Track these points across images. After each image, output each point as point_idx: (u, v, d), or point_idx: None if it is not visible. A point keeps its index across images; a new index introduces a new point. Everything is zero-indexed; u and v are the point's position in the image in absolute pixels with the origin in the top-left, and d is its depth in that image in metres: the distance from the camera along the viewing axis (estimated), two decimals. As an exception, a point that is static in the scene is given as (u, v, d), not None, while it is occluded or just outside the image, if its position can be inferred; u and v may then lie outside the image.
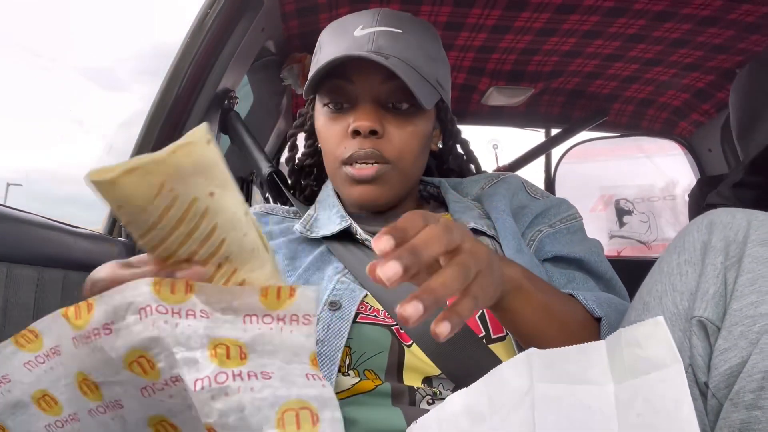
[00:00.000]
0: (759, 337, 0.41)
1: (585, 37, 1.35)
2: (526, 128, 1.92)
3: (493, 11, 1.25)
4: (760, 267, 0.43)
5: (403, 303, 0.36)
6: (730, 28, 1.26)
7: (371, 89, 0.72)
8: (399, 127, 0.73)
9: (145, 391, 0.37)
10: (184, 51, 1.02)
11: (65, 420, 0.39)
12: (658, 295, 0.49)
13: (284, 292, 0.37)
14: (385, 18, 0.75)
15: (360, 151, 0.71)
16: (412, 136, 0.73)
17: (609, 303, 0.63)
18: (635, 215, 2.55)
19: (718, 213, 0.48)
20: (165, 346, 0.35)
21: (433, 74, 0.76)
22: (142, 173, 0.34)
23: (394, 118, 0.73)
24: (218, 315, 0.36)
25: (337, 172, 0.74)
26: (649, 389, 0.37)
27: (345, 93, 0.73)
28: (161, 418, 0.38)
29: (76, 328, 0.37)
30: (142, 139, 1.00)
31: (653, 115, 1.75)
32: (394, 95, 0.72)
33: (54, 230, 0.77)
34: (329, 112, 0.75)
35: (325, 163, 0.78)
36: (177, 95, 1.01)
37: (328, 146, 0.75)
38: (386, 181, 0.73)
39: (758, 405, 0.41)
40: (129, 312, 0.35)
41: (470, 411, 0.43)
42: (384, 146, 0.71)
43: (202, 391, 0.34)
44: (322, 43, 0.78)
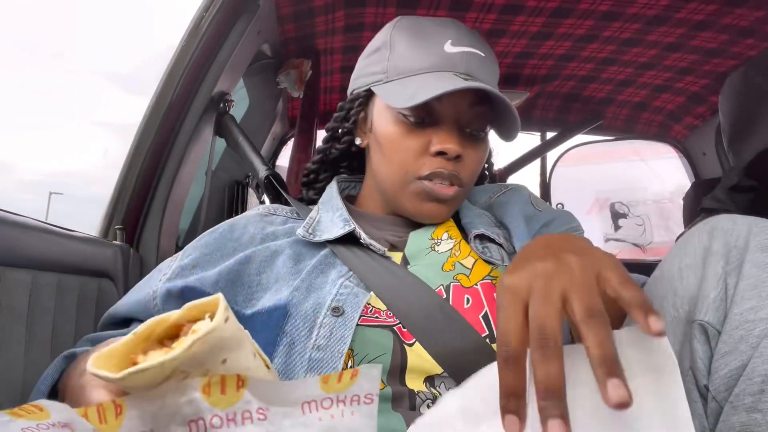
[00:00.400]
0: (759, 341, 0.42)
1: (580, 41, 1.36)
2: (522, 132, 1.92)
3: (488, 15, 1.25)
4: (761, 272, 0.44)
5: None
6: (724, 32, 1.27)
7: (458, 111, 0.72)
8: (474, 152, 0.74)
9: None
10: (180, 54, 1.01)
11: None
12: (659, 299, 0.49)
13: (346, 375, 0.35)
14: (470, 37, 0.76)
15: (444, 171, 0.71)
16: (482, 161, 0.76)
17: None
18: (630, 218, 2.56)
19: (720, 219, 0.48)
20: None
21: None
22: (152, 372, 0.32)
23: (471, 144, 0.74)
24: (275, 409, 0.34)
25: (409, 184, 0.73)
26: (646, 390, 0.37)
27: (429, 109, 0.72)
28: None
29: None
30: (137, 143, 1.00)
31: (648, 118, 1.76)
32: (476, 121, 0.74)
33: (48, 233, 0.76)
34: (406, 124, 0.73)
35: (386, 172, 0.75)
36: (173, 98, 1.00)
37: (400, 158, 0.73)
38: (456, 203, 0.76)
39: (758, 408, 0.41)
40: (174, 422, 0.32)
41: (465, 412, 0.42)
42: (462, 170, 0.73)
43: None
44: (397, 43, 0.76)
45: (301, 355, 0.61)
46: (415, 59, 0.73)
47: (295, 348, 0.61)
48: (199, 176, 1.19)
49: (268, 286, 0.69)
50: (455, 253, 0.72)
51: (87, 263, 0.84)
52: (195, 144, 1.08)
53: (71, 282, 0.78)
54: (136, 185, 0.99)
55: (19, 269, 0.68)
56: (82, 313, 0.79)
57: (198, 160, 1.13)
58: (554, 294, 0.37)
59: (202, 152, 1.14)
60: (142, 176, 1.00)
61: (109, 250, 0.91)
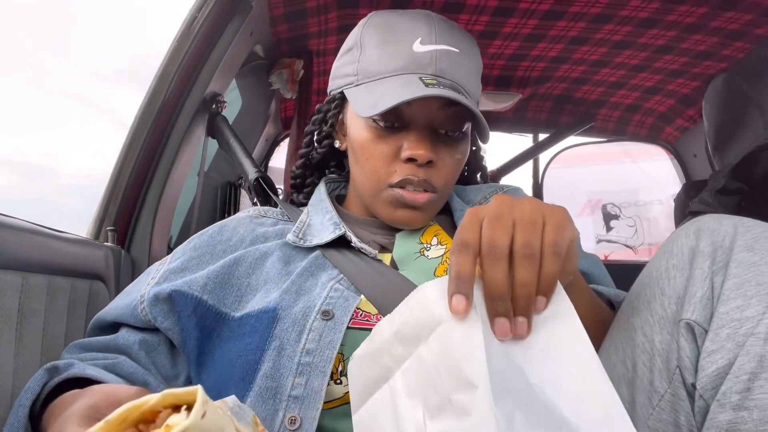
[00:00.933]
0: (745, 339, 0.42)
1: (572, 43, 1.37)
2: (514, 133, 1.94)
3: (481, 17, 1.26)
4: (746, 272, 0.44)
5: None
6: (714, 35, 1.28)
7: (428, 114, 0.70)
8: (450, 155, 0.72)
9: None
10: (172, 54, 1.01)
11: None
12: (647, 299, 0.49)
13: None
14: (443, 32, 0.73)
15: (414, 178, 0.70)
16: (459, 164, 0.74)
17: None
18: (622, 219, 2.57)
19: (706, 219, 0.49)
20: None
21: (479, 95, 0.77)
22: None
23: (445, 146, 0.72)
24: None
25: (381, 191, 0.72)
26: (547, 330, 0.42)
27: (400, 114, 0.70)
28: None
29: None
30: (129, 144, 1.00)
31: (639, 120, 1.77)
32: (449, 123, 0.71)
33: (38, 235, 0.76)
34: (377, 129, 0.71)
35: (360, 177, 0.75)
36: (164, 99, 1.00)
37: (372, 165, 0.72)
38: (432, 208, 0.73)
39: (744, 405, 0.41)
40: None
41: (402, 336, 0.44)
42: (435, 176, 0.71)
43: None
44: (367, 44, 0.74)
45: (291, 359, 0.60)
46: (383, 61, 0.71)
47: (284, 352, 0.61)
48: (192, 177, 1.19)
49: (257, 287, 0.68)
50: (447, 259, 0.72)
51: (78, 265, 0.84)
52: (187, 145, 1.07)
53: (62, 284, 0.77)
54: (127, 186, 0.99)
55: (8, 271, 0.68)
56: (72, 315, 0.79)
57: (190, 161, 1.13)
58: (506, 220, 0.43)
59: (195, 153, 1.14)
60: (134, 177, 1.00)
61: (101, 252, 0.91)
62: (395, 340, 0.45)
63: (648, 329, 0.48)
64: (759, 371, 0.41)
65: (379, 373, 0.46)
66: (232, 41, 1.08)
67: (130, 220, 1.01)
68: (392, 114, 0.70)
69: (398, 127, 0.71)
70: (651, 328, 0.47)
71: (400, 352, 0.44)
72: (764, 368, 0.41)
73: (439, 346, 0.41)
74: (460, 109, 0.69)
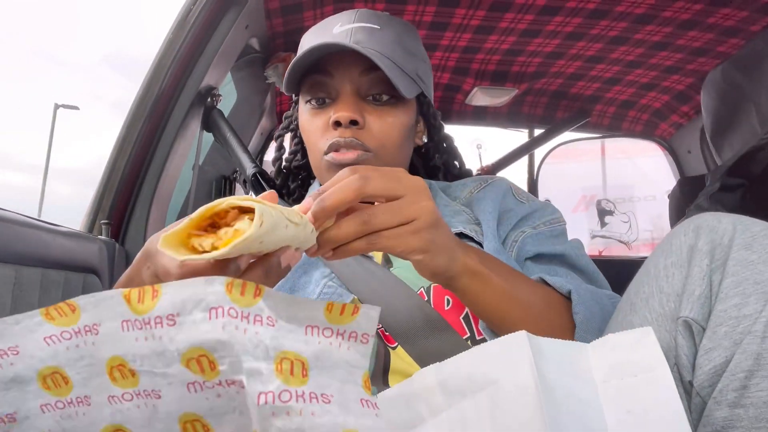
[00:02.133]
0: (742, 338, 0.42)
1: (568, 39, 1.36)
2: (510, 128, 1.94)
3: (477, 12, 1.25)
4: (744, 270, 0.44)
5: None
6: (710, 32, 1.28)
7: (351, 81, 0.74)
8: (379, 118, 0.74)
9: (192, 386, 0.36)
10: (167, 47, 1.00)
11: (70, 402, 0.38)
12: (645, 296, 0.50)
13: (348, 309, 0.38)
14: (363, 16, 0.77)
15: (341, 139, 0.72)
16: (392, 127, 0.75)
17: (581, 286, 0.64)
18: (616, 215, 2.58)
19: (705, 217, 0.49)
20: (233, 352, 0.35)
21: (412, 68, 0.77)
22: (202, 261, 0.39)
23: (374, 110, 0.74)
24: (282, 323, 0.37)
25: (321, 162, 0.74)
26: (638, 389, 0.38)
27: (326, 87, 0.75)
28: (195, 417, 0.37)
29: (136, 312, 0.36)
30: (123, 137, 0.99)
31: (634, 116, 1.77)
32: (374, 87, 0.74)
33: (32, 228, 0.75)
34: (311, 108, 0.76)
35: (310, 159, 0.79)
36: (159, 92, 0.99)
37: (311, 140, 0.76)
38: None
39: (741, 403, 0.41)
40: (198, 308, 0.36)
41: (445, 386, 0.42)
42: (365, 136, 0.73)
43: (265, 405, 0.35)
44: (303, 44, 0.79)
45: None
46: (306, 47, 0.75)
47: None
48: (186, 171, 1.18)
49: None
50: None
51: (72, 258, 0.83)
52: (182, 138, 1.07)
53: (55, 277, 0.77)
54: (122, 180, 0.98)
55: (1, 264, 0.68)
56: (66, 308, 0.78)
57: (185, 154, 1.12)
58: None
59: (189, 147, 1.13)
60: (129, 171, 0.99)
61: (95, 245, 0.90)
62: (438, 389, 0.42)
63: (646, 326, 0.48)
64: (755, 369, 0.41)
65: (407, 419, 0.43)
66: (228, 34, 1.07)
67: (124, 214, 1.00)
68: (317, 88, 0.75)
69: (328, 102, 0.76)
70: (649, 326, 0.47)
71: (439, 402, 0.42)
72: (761, 366, 0.41)
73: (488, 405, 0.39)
74: (382, 73, 0.72)
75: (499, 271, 0.58)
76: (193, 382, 0.36)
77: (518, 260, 0.73)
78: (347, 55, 0.72)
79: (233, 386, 0.36)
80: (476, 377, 0.40)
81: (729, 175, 0.97)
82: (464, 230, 0.73)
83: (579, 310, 0.60)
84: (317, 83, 0.75)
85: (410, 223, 0.48)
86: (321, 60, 0.74)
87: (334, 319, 0.37)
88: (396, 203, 0.47)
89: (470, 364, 0.42)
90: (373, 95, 0.74)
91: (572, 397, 0.39)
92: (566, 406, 0.38)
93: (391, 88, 0.73)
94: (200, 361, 0.35)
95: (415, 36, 0.81)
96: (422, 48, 0.82)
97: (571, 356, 0.41)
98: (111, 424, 0.38)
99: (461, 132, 1.93)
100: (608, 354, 0.41)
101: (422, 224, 0.48)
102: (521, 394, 0.38)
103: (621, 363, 0.39)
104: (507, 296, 0.57)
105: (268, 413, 0.35)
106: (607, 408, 0.38)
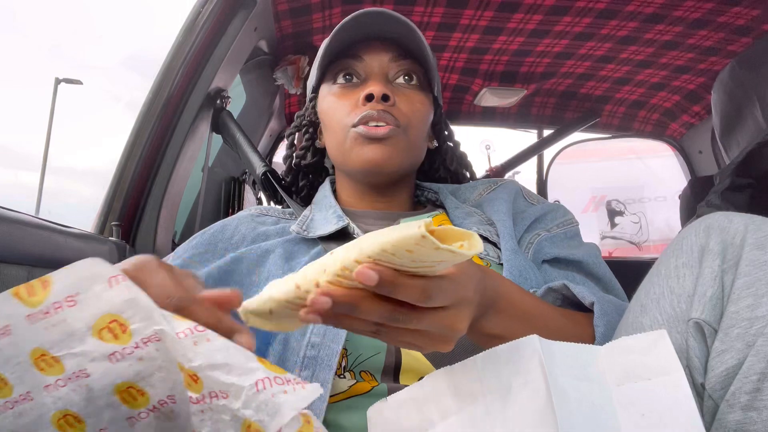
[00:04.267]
0: (755, 339, 0.42)
1: (577, 39, 1.36)
2: (519, 129, 1.93)
3: (485, 12, 1.25)
4: (757, 270, 0.44)
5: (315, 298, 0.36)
6: (721, 31, 1.27)
7: (381, 66, 0.77)
8: (408, 98, 0.76)
9: (113, 357, 0.37)
10: (177, 50, 1.01)
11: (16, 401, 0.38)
12: (656, 297, 0.49)
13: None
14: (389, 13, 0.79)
15: (373, 112, 0.73)
16: (419, 110, 0.77)
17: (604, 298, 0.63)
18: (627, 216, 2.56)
19: (716, 217, 0.48)
20: (142, 306, 0.37)
21: (434, 67, 0.80)
22: None
23: (403, 92, 0.77)
24: None
25: (347, 137, 0.75)
26: (652, 393, 0.37)
27: (355, 70, 0.78)
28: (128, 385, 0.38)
29: (32, 305, 0.37)
30: (134, 139, 1.00)
31: (644, 116, 1.76)
32: (403, 72, 0.77)
33: (44, 230, 0.76)
34: (339, 87, 0.78)
35: (329, 141, 0.79)
36: (169, 94, 1.00)
37: (337, 118, 0.77)
38: (396, 143, 0.74)
39: (754, 406, 0.41)
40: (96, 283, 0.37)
41: (457, 389, 0.41)
42: (395, 111, 0.74)
43: (185, 338, 0.37)
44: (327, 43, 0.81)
45: (296, 352, 0.60)
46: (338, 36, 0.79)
47: (289, 345, 0.61)
48: (196, 173, 1.19)
49: (260, 284, 0.69)
50: None
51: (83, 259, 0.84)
52: (191, 140, 1.07)
53: (67, 279, 0.77)
54: (132, 182, 0.99)
55: (14, 265, 0.68)
56: (77, 309, 0.79)
57: (194, 156, 1.12)
58: None
59: (199, 149, 1.14)
60: (139, 173, 1.00)
61: (105, 247, 0.91)
62: (448, 393, 0.42)
63: (657, 328, 0.47)
64: None
65: (418, 422, 0.43)
66: (237, 36, 1.08)
67: (134, 216, 1.01)
68: (347, 70, 0.78)
69: (356, 83, 0.78)
70: (660, 327, 0.47)
71: (450, 405, 0.41)
72: None
73: (499, 409, 0.38)
74: (410, 62, 0.76)
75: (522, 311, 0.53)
76: (113, 353, 0.37)
77: (535, 262, 0.73)
78: (377, 42, 0.76)
79: (150, 344, 0.37)
80: (487, 381, 0.40)
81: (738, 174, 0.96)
82: (478, 230, 0.73)
83: (600, 323, 0.57)
84: (347, 66, 0.78)
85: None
86: (350, 47, 0.77)
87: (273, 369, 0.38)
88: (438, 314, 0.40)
89: (481, 367, 0.41)
90: (403, 77, 0.77)
91: (585, 400, 0.38)
92: (579, 410, 0.38)
93: (418, 76, 0.78)
94: (111, 328, 0.37)
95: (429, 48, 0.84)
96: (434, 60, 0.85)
97: (584, 360, 0.41)
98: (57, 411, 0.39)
99: (470, 133, 1.93)
100: (622, 357, 0.40)
101: (453, 336, 0.42)
102: (533, 398, 0.38)
103: (635, 366, 0.39)
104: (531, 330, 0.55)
105: (189, 343, 0.37)
106: (621, 412, 0.38)
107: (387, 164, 0.74)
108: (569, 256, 0.73)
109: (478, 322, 0.49)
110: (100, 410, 0.38)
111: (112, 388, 0.38)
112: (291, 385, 0.36)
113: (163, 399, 0.38)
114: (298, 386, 0.36)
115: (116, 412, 0.38)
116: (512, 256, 0.69)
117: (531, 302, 0.55)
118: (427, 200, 0.86)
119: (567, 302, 0.63)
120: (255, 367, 0.36)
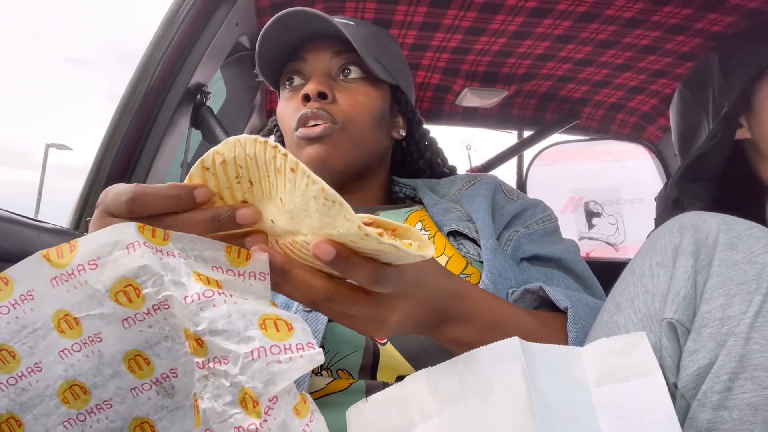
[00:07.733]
0: (726, 339, 0.42)
1: (557, 41, 1.37)
2: (499, 130, 1.94)
3: (468, 13, 1.26)
4: (729, 270, 0.44)
5: None
6: (697, 37, 1.29)
7: (322, 63, 0.77)
8: (349, 95, 0.76)
9: (126, 322, 0.39)
10: (156, 44, 0.99)
11: (21, 375, 0.39)
12: (630, 296, 0.49)
13: (243, 254, 0.41)
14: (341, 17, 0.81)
15: (308, 111, 0.73)
16: (362, 105, 0.76)
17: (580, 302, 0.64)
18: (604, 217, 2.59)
19: (690, 216, 0.49)
20: (153, 272, 0.38)
21: (385, 60, 0.79)
22: None
23: (345, 87, 0.77)
24: (191, 261, 0.40)
25: (293, 141, 0.75)
26: (630, 394, 0.38)
27: (300, 72, 0.79)
28: (136, 352, 0.40)
29: (59, 266, 0.38)
30: (111, 133, 0.98)
31: (623, 119, 1.78)
32: (344, 66, 0.77)
33: (17, 224, 0.74)
34: (287, 92, 0.79)
35: (286, 145, 0.79)
36: (148, 88, 0.98)
37: (284, 123, 0.78)
38: (335, 142, 0.73)
39: (725, 405, 0.41)
40: (116, 249, 0.38)
41: (438, 391, 0.41)
42: (333, 108, 0.74)
43: (191, 303, 0.38)
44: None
45: None
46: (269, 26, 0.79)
47: None
48: (174, 168, 1.17)
49: None
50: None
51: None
52: (171, 136, 1.06)
53: (40, 275, 0.76)
54: (109, 177, 0.97)
55: (-15, 261, 0.67)
56: (51, 306, 0.77)
57: (173, 152, 1.11)
58: None
59: (178, 144, 1.13)
60: (116, 168, 0.98)
61: (80, 243, 0.89)
62: (429, 394, 0.42)
63: (632, 327, 0.48)
64: (739, 371, 0.41)
65: (399, 423, 0.42)
66: (218, 31, 1.06)
67: (111, 211, 0.99)
68: (292, 73, 0.79)
69: (301, 84, 0.79)
70: (634, 327, 0.47)
71: (431, 406, 0.41)
72: (745, 368, 0.41)
73: (480, 410, 0.39)
74: (352, 56, 0.76)
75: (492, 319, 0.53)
76: (126, 318, 0.39)
77: (513, 259, 0.73)
78: (320, 41, 0.77)
79: (159, 311, 0.39)
80: (468, 382, 0.40)
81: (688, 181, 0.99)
82: (457, 228, 0.73)
83: (572, 329, 0.58)
84: (292, 68, 0.79)
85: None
86: (296, 49, 0.78)
87: (233, 261, 0.41)
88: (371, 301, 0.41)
89: (462, 368, 0.41)
90: (343, 72, 0.77)
91: (565, 402, 0.39)
92: (559, 411, 0.38)
93: (361, 69, 0.77)
94: (126, 292, 0.38)
95: (391, 39, 0.84)
96: (401, 52, 0.85)
97: (564, 361, 0.41)
98: (65, 381, 0.40)
99: (451, 133, 1.93)
100: (601, 359, 0.41)
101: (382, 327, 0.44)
102: (513, 400, 0.38)
103: (614, 367, 0.40)
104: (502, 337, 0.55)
105: (196, 309, 0.38)
106: (600, 413, 0.38)
107: (329, 163, 0.74)
108: (548, 254, 0.74)
109: (443, 328, 0.50)
110: (106, 380, 0.40)
111: (122, 356, 0.40)
112: (287, 354, 0.37)
113: (165, 372, 0.40)
114: (295, 355, 0.37)
115: (121, 381, 0.40)
116: (492, 255, 0.69)
117: (501, 309, 0.54)
118: (406, 196, 0.86)
119: (544, 303, 0.64)
120: (253, 335, 0.38)
